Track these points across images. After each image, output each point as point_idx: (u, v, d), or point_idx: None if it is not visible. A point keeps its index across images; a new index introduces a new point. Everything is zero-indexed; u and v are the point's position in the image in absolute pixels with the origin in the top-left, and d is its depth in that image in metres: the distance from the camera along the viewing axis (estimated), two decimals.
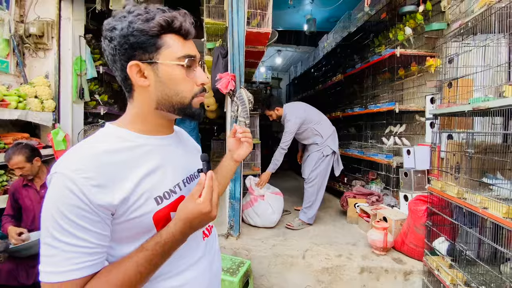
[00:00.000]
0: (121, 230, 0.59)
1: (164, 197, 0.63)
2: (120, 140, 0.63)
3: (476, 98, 1.55)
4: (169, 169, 0.67)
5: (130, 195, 0.58)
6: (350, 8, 4.00)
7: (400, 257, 2.33)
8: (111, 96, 4.14)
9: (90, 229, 0.53)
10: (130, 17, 0.59)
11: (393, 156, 3.12)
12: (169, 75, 0.62)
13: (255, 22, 2.88)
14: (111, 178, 0.56)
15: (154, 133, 0.68)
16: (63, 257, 0.51)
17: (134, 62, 0.60)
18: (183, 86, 0.64)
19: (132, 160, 0.61)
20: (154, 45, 0.60)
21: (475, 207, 1.45)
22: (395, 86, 3.45)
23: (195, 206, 0.58)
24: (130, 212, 0.58)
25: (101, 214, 0.54)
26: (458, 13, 2.48)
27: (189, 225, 0.59)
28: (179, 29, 0.62)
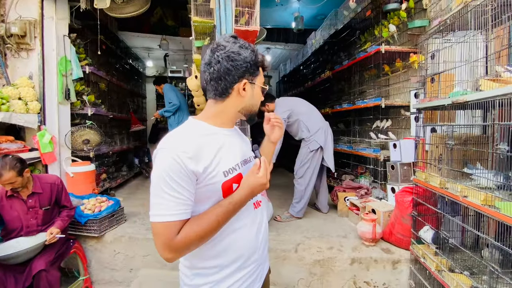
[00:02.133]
0: (200, 193, 0.82)
1: (229, 172, 0.86)
2: (204, 129, 0.88)
3: (455, 92, 1.62)
4: (232, 152, 0.90)
5: (208, 166, 0.81)
6: (337, 6, 4.06)
7: (388, 247, 2.42)
8: (98, 96, 4.07)
9: (186, 188, 0.77)
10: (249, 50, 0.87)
11: (381, 150, 3.21)
12: (257, 93, 0.94)
13: (243, 20, 2.89)
14: (198, 153, 0.80)
15: (225, 126, 0.93)
16: (167, 205, 0.76)
17: (246, 80, 0.88)
18: (259, 101, 0.96)
19: (210, 143, 0.85)
20: (255, 72, 0.90)
21: (456, 196, 1.53)
22: (381, 82, 3.54)
23: (256, 178, 0.82)
24: (208, 179, 0.81)
25: (192, 178, 0.79)
26: (439, 10, 2.57)
27: (251, 192, 0.83)
28: (266, 66, 0.95)
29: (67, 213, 2.22)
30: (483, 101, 1.33)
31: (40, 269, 1.84)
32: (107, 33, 4.25)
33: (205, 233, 0.78)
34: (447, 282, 1.62)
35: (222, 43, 0.86)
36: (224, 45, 0.86)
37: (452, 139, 1.69)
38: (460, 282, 1.52)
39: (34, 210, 2.04)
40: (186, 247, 0.77)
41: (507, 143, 1.16)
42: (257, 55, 0.89)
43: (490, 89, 1.26)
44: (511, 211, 1.12)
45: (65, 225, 2.15)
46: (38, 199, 2.06)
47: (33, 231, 2.05)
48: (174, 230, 0.76)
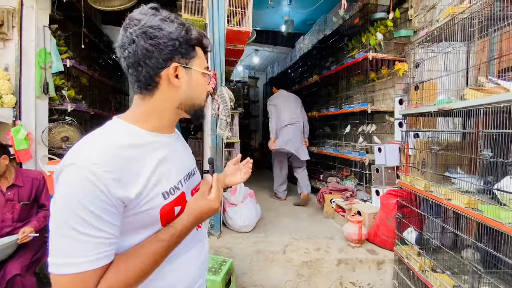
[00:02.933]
0: (129, 222, 0.61)
1: (170, 192, 0.68)
2: (133, 137, 0.66)
3: (441, 100, 1.70)
4: (173, 166, 0.72)
5: (143, 189, 0.61)
6: (326, 12, 4.15)
7: (373, 248, 2.49)
8: (79, 91, 3.88)
9: (108, 221, 0.56)
10: (175, 24, 0.66)
11: (366, 153, 3.31)
12: (198, 81, 0.72)
13: (236, 20, 2.88)
14: (127, 173, 0.59)
15: (163, 130, 0.72)
16: (80, 248, 0.53)
17: (176, 64, 0.66)
18: (203, 92, 0.75)
19: (144, 156, 0.64)
20: (191, 53, 0.69)
21: (441, 199, 1.60)
22: (367, 87, 3.65)
23: (207, 202, 0.69)
24: (142, 205, 0.61)
25: (118, 207, 0.57)
26: (424, 21, 2.70)
27: (199, 218, 0.69)
28: (206, 45, 0.73)
29: (43, 214, 2.09)
30: (467, 109, 1.40)
31: (15, 274, 1.72)
32: (90, 26, 4.07)
33: (137, 278, 0.59)
34: (431, 281, 1.69)
35: (136, 17, 0.64)
36: (138, 19, 0.63)
37: (437, 144, 1.77)
38: (443, 281, 1.59)
39: (11, 204, 1.93)
40: None
41: (491, 149, 1.23)
42: (189, 30, 0.67)
43: (475, 98, 1.34)
44: (493, 214, 1.19)
45: (40, 226, 2.02)
46: (17, 192, 1.96)
47: (7, 227, 1.91)
48: (90, 283, 0.53)
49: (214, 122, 2.53)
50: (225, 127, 2.33)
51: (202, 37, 0.71)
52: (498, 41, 1.68)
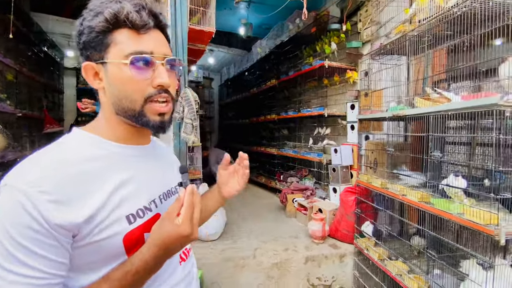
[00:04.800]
0: (83, 255, 0.50)
1: (137, 215, 0.56)
2: (89, 148, 0.56)
3: (394, 107, 1.92)
4: (144, 183, 0.60)
5: (98, 212, 0.50)
6: (283, 18, 4.30)
7: (335, 243, 2.67)
8: (3, 89, 3.24)
9: (43, 255, 0.45)
10: (84, 13, 0.54)
11: (323, 154, 3.54)
12: (116, 75, 0.55)
13: (196, 19, 2.78)
14: (74, 192, 0.48)
15: (127, 141, 0.61)
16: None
17: (86, 62, 0.56)
18: (131, 88, 0.55)
19: (102, 171, 0.54)
20: (102, 43, 0.54)
21: (397, 194, 1.80)
22: (321, 93, 3.91)
23: (173, 228, 0.51)
24: (97, 232, 0.50)
25: (59, 237, 0.46)
26: (370, 35, 3.01)
27: (164, 250, 0.52)
28: (130, 22, 0.54)
29: None
30: (418, 116, 1.61)
31: None
32: (16, 13, 3.44)
33: None
34: (389, 269, 1.89)
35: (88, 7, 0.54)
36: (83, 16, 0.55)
37: (392, 146, 1.99)
38: (400, 268, 1.79)
39: None
40: None
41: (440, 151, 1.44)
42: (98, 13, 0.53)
43: (425, 106, 1.55)
44: (444, 206, 1.39)
45: None
46: None
47: None
48: None
49: (177, 125, 2.39)
50: (191, 131, 2.22)
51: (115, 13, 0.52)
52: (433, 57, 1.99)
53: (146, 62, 0.55)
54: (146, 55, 0.55)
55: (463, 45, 1.43)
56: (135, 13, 0.53)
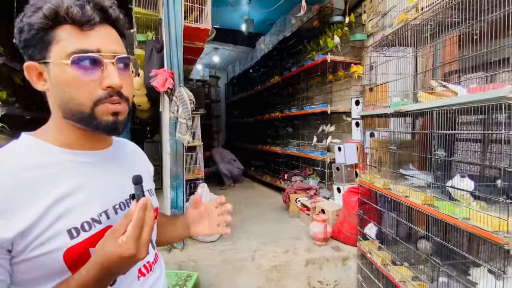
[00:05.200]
0: (23, 271, 0.47)
1: (82, 228, 0.51)
2: (32, 156, 0.51)
3: (396, 102, 1.79)
4: (95, 193, 0.55)
5: (34, 225, 0.46)
6: (285, 13, 4.19)
7: (338, 245, 2.56)
8: (13, 93, 3.32)
9: None
10: (25, 9, 0.50)
11: (327, 152, 3.42)
12: (59, 77, 0.50)
13: (192, 17, 2.72)
14: (8, 205, 0.45)
15: (78, 147, 0.56)
16: None
17: (28, 62, 0.52)
18: (75, 90, 0.50)
19: (43, 181, 0.49)
20: (43, 41, 0.50)
21: (399, 196, 1.68)
22: (325, 89, 3.78)
23: (115, 247, 0.46)
24: (33, 248, 0.46)
25: None
26: (376, 26, 2.86)
27: (106, 272, 0.46)
28: (70, 18, 0.49)
29: None
30: (421, 111, 1.49)
31: None
32: None
33: None
34: (392, 274, 1.78)
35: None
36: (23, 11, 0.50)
37: (395, 144, 1.87)
38: (404, 274, 1.68)
39: None
40: None
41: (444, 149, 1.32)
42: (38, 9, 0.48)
43: (428, 101, 1.42)
44: (448, 210, 1.27)
45: None
46: None
47: None
48: None
49: (173, 125, 2.35)
50: (186, 131, 2.17)
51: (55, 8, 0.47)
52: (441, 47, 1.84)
53: (92, 62, 0.50)
54: (91, 53, 0.50)
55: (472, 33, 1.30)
56: (76, 7, 0.48)
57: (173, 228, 0.81)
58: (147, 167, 0.77)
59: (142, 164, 0.75)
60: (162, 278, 0.69)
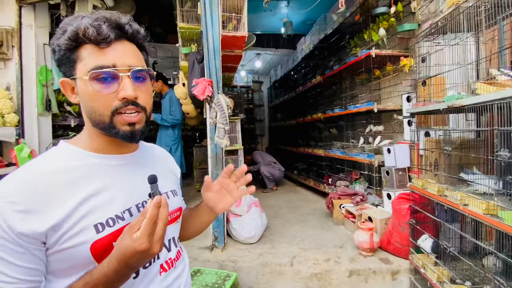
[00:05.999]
0: (55, 262, 0.53)
1: (107, 224, 0.56)
2: (65, 159, 0.58)
3: (450, 96, 1.57)
4: (120, 192, 0.60)
5: (64, 221, 0.52)
6: (325, 11, 4.04)
7: (387, 256, 2.33)
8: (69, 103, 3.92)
9: (10, 261, 0.48)
10: (56, 31, 0.57)
11: (375, 155, 3.16)
12: (82, 91, 0.57)
13: (231, 26, 2.82)
14: (43, 202, 0.51)
15: (105, 151, 0.62)
16: None
17: (63, 78, 0.59)
18: (95, 102, 0.57)
19: (74, 181, 0.55)
20: (70, 59, 0.56)
21: (456, 204, 1.46)
22: (372, 86, 3.51)
23: (131, 242, 0.49)
24: (64, 241, 0.52)
25: (25, 244, 0.49)
26: (428, 13, 2.55)
27: (124, 265, 0.50)
28: (87, 38, 0.55)
29: None
30: (480, 106, 1.27)
31: None
32: None
33: None
34: None
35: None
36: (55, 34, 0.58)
37: (449, 144, 1.63)
38: None
39: None
40: None
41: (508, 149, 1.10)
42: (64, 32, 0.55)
43: (487, 92, 1.21)
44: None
45: None
46: None
47: None
48: None
49: (212, 130, 2.46)
50: (223, 135, 2.25)
51: (76, 30, 0.54)
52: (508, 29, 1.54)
53: (109, 76, 0.55)
54: (106, 69, 0.55)
55: None
56: (92, 28, 0.54)
57: (198, 216, 0.84)
58: (173, 170, 0.81)
59: (166, 167, 0.79)
60: (184, 274, 0.72)
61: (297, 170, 5.50)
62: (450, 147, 1.61)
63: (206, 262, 2.32)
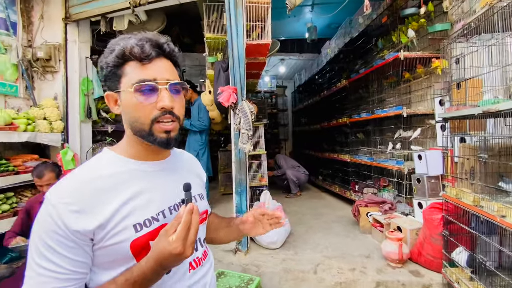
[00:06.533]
0: (100, 256, 0.59)
1: (144, 224, 0.62)
2: (108, 166, 0.65)
3: (486, 101, 1.47)
4: (155, 195, 0.66)
5: (108, 221, 0.58)
6: (351, 14, 3.98)
7: (417, 269, 2.21)
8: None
9: (64, 255, 0.55)
10: (105, 50, 0.65)
11: (404, 161, 3.02)
12: (126, 102, 0.64)
13: (255, 34, 2.89)
14: (91, 204, 0.58)
15: (143, 158, 0.69)
16: (37, 280, 0.54)
17: (107, 92, 0.67)
18: (138, 112, 0.63)
19: (116, 186, 0.62)
20: (116, 75, 0.64)
21: (493, 215, 1.36)
22: (402, 89, 3.37)
23: (166, 245, 0.55)
24: (107, 238, 0.58)
25: (77, 240, 0.56)
26: (461, 13, 2.41)
27: (160, 265, 0.56)
28: (133, 56, 0.62)
29: None
30: None
31: None
32: None
33: None
34: None
35: None
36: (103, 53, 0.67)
37: (485, 151, 1.52)
38: None
39: None
40: None
41: None
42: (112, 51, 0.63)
43: None
44: None
45: None
46: None
47: None
48: None
49: (236, 136, 2.53)
50: (247, 140, 2.31)
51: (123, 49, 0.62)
52: None
53: (150, 88, 0.63)
54: (148, 82, 0.62)
55: None
56: (137, 47, 0.62)
57: (230, 232, 0.92)
58: (200, 174, 0.88)
59: (194, 171, 0.85)
60: (210, 273, 0.78)
61: (321, 176, 5.40)
62: (487, 154, 1.50)
63: (230, 265, 2.37)
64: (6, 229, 2.34)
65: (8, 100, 2.84)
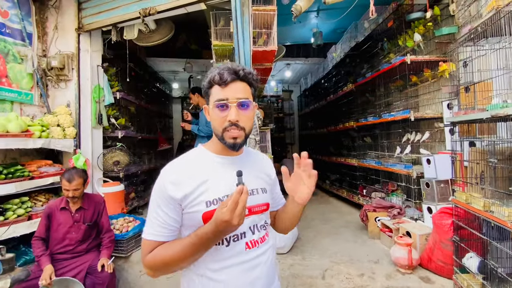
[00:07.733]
0: (185, 219, 0.84)
1: (212, 202, 0.82)
2: (198, 156, 0.91)
3: (494, 105, 1.46)
4: (224, 181, 0.85)
5: (189, 194, 0.81)
6: (356, 19, 4.00)
7: (427, 275, 2.18)
8: (129, 119, 4.31)
9: (165, 211, 0.81)
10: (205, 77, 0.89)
11: (413, 165, 2.99)
12: (211, 114, 0.87)
13: (262, 41, 2.94)
14: (182, 180, 0.82)
15: (223, 153, 0.90)
16: (149, 224, 0.83)
17: (205, 105, 0.91)
18: (216, 122, 0.85)
19: (200, 169, 0.85)
20: (208, 94, 0.88)
21: (503, 221, 1.34)
22: (409, 93, 3.35)
23: (220, 214, 0.72)
24: (189, 207, 0.82)
25: (172, 202, 0.81)
26: (468, 16, 2.41)
27: (216, 229, 0.73)
28: (215, 82, 0.84)
29: (109, 239, 2.27)
30: None
31: None
32: (136, 60, 4.55)
33: (170, 259, 0.78)
34: None
35: None
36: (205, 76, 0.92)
37: (494, 156, 1.51)
38: None
39: (78, 225, 2.15)
40: (155, 268, 0.81)
41: None
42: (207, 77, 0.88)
43: None
44: None
45: (110, 253, 2.24)
46: (83, 214, 2.18)
47: (70, 245, 2.12)
48: (147, 248, 0.81)
49: None
50: (254, 145, 2.33)
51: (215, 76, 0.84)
52: None
53: (222, 105, 0.83)
54: (222, 101, 0.83)
55: None
56: (218, 75, 0.83)
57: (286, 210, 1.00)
58: (269, 173, 1.00)
59: (262, 170, 0.98)
60: (267, 253, 0.90)
61: (329, 180, 5.37)
62: (497, 159, 1.49)
63: None
64: (21, 232, 2.42)
65: (24, 108, 2.95)
